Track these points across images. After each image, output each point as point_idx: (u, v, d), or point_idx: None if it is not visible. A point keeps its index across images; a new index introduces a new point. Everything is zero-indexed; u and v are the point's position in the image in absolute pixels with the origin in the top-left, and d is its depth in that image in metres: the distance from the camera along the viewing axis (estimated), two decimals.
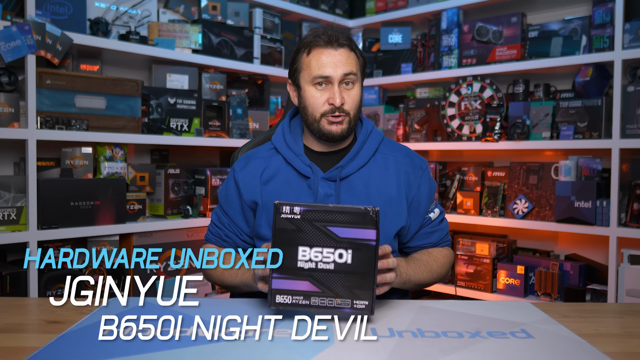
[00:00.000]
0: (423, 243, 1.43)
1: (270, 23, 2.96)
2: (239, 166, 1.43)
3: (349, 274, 1.02)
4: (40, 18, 2.11)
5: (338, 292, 1.02)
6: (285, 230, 1.02)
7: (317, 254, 1.02)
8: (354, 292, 1.02)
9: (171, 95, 2.54)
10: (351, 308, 1.02)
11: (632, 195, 2.34)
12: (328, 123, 1.33)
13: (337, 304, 1.02)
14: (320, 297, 1.02)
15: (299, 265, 1.02)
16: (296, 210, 1.02)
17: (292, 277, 1.02)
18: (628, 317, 1.18)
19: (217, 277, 1.39)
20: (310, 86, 1.33)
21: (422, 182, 1.40)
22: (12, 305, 1.21)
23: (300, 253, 1.02)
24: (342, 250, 1.02)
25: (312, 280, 1.02)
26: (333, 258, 1.02)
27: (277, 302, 1.03)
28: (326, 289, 1.02)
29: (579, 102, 2.49)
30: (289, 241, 1.02)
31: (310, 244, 1.02)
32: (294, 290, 1.02)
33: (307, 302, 1.02)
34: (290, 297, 1.02)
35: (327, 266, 1.02)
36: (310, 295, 1.02)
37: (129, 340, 0.95)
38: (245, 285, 1.27)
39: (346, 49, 1.32)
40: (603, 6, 2.48)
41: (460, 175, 2.97)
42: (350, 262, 1.02)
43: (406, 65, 3.16)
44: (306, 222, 1.02)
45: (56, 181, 2.16)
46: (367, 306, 1.02)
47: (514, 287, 2.64)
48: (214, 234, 1.46)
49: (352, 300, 1.02)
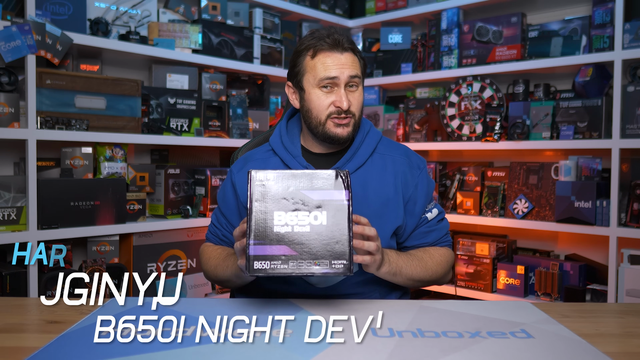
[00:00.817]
0: (419, 243, 1.42)
1: (270, 23, 2.96)
2: (236, 168, 1.43)
3: (325, 235, 1.03)
4: (40, 18, 2.11)
5: (316, 253, 1.03)
6: (261, 197, 1.04)
7: (293, 217, 1.03)
8: (331, 252, 1.03)
9: (171, 95, 2.54)
10: (330, 268, 1.02)
11: (632, 195, 2.34)
12: (334, 125, 1.33)
13: (315, 265, 1.02)
14: (299, 260, 1.02)
15: (275, 230, 1.03)
16: (270, 176, 1.05)
17: (269, 242, 1.03)
18: (628, 317, 1.18)
19: (212, 272, 1.40)
20: (315, 88, 1.33)
21: (419, 181, 1.40)
22: (12, 305, 1.21)
23: (277, 218, 1.03)
24: (316, 212, 1.04)
25: (289, 243, 1.03)
26: (308, 220, 1.03)
27: (256, 269, 1.02)
28: (303, 252, 1.03)
29: (579, 102, 2.49)
30: (265, 207, 1.04)
31: (285, 209, 1.04)
32: (271, 255, 1.03)
33: (286, 266, 1.02)
34: (269, 262, 1.02)
35: (303, 229, 1.03)
36: (288, 259, 1.02)
37: (129, 340, 0.95)
38: (236, 276, 1.28)
39: (351, 53, 1.33)
40: (603, 6, 2.48)
41: (460, 175, 2.97)
42: (326, 223, 1.03)
43: (406, 65, 3.16)
44: (281, 188, 1.04)
45: (56, 181, 2.16)
46: (345, 265, 1.03)
47: (514, 287, 2.64)
48: (213, 233, 1.47)
49: (330, 260, 1.03)
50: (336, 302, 1.19)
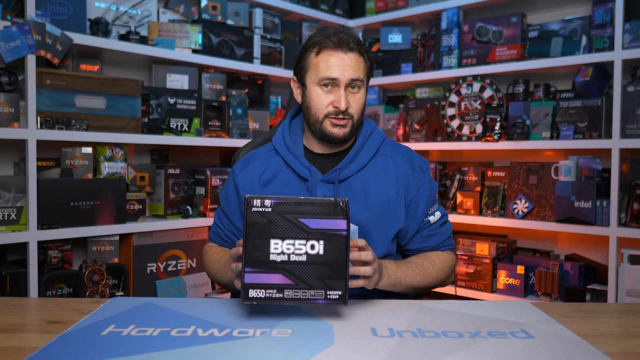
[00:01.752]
0: (421, 246, 1.42)
1: (270, 23, 2.96)
2: (238, 168, 1.43)
3: (322, 265, 1.03)
4: (40, 18, 2.11)
5: (311, 283, 1.02)
6: (257, 224, 1.02)
7: (289, 246, 1.03)
8: (327, 282, 1.02)
9: (171, 95, 2.54)
10: (325, 299, 1.02)
11: (632, 195, 2.34)
12: (331, 125, 1.33)
13: (310, 295, 1.02)
14: (294, 290, 1.02)
15: (272, 258, 1.02)
16: (267, 203, 1.03)
17: (264, 271, 1.02)
18: (628, 317, 1.18)
19: (213, 275, 1.42)
20: (316, 86, 1.33)
21: (421, 184, 1.40)
22: (12, 305, 1.21)
23: (272, 246, 1.02)
24: (313, 242, 1.03)
25: (284, 272, 1.02)
26: (305, 249, 1.03)
27: (250, 297, 1.02)
28: (299, 281, 1.02)
29: (579, 102, 2.49)
30: (261, 234, 1.02)
31: (282, 237, 1.03)
32: (267, 284, 1.02)
33: (281, 295, 1.02)
34: (264, 290, 1.02)
35: (299, 258, 1.02)
36: (283, 288, 1.02)
37: (129, 340, 0.95)
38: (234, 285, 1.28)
39: (355, 54, 1.32)
40: (603, 6, 2.48)
41: (460, 175, 2.97)
42: (322, 252, 1.03)
43: (406, 65, 3.16)
44: (277, 215, 1.03)
45: (56, 181, 2.16)
46: (340, 296, 1.02)
47: (514, 287, 2.64)
48: (215, 233, 1.48)
49: (325, 290, 1.02)
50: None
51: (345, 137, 1.34)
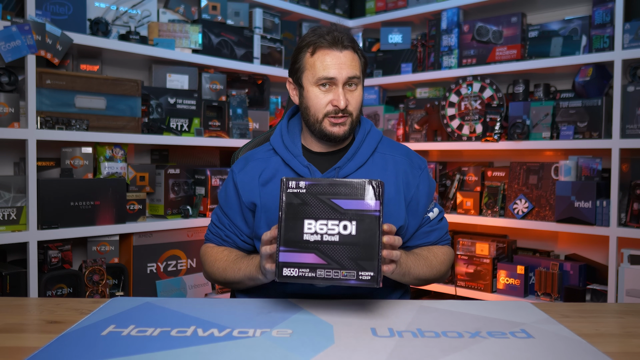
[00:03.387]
0: (422, 242, 1.43)
1: (270, 23, 2.96)
2: (237, 167, 1.43)
3: (354, 246, 1.03)
4: (40, 18, 2.11)
5: (343, 263, 1.03)
6: (292, 205, 1.05)
7: (322, 226, 1.04)
8: (359, 263, 1.02)
9: (171, 95, 2.54)
10: (357, 280, 1.02)
11: (632, 195, 2.34)
12: (330, 124, 1.33)
13: (342, 275, 1.03)
14: (326, 269, 1.03)
15: (305, 238, 1.04)
16: (302, 184, 1.06)
17: (298, 250, 1.04)
18: (628, 317, 1.18)
19: (219, 274, 1.37)
20: (313, 87, 1.33)
21: (420, 181, 1.40)
22: (12, 305, 1.21)
23: (306, 226, 1.04)
24: (346, 222, 1.04)
25: (317, 252, 1.03)
26: (338, 230, 1.04)
27: (284, 275, 1.04)
28: (332, 261, 1.03)
29: (579, 102, 2.49)
30: (295, 215, 1.05)
31: (315, 217, 1.04)
32: (300, 262, 1.04)
33: (313, 274, 1.03)
34: (297, 269, 1.04)
35: (332, 238, 1.04)
36: (316, 267, 1.03)
37: (129, 340, 0.95)
38: (249, 279, 1.27)
39: (350, 51, 1.32)
40: (603, 6, 2.48)
41: (460, 175, 2.97)
42: (355, 233, 1.03)
43: (406, 65, 3.16)
44: (311, 196, 1.05)
45: (56, 181, 2.16)
46: (372, 277, 1.02)
47: (514, 287, 2.64)
48: (214, 234, 1.46)
49: (357, 271, 1.02)
50: (336, 302, 1.19)
51: (345, 135, 1.35)
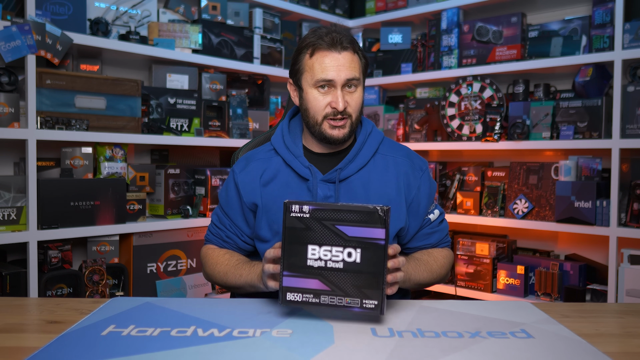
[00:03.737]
0: (422, 244, 1.43)
1: (270, 23, 2.96)
2: (238, 168, 1.42)
3: (358, 273, 1.02)
4: (40, 18, 2.11)
5: (347, 291, 1.02)
6: (295, 229, 1.04)
7: (326, 252, 1.03)
8: (363, 291, 1.02)
9: (171, 95, 2.54)
10: (360, 307, 1.02)
11: (632, 195, 2.34)
12: (330, 127, 1.32)
13: (346, 302, 1.02)
14: (330, 296, 1.03)
15: (309, 263, 1.03)
16: (305, 209, 1.04)
17: (302, 275, 1.03)
18: (628, 317, 1.18)
19: (220, 278, 1.37)
20: (312, 89, 1.32)
21: (421, 183, 1.40)
22: (12, 305, 1.21)
23: (310, 251, 1.04)
24: (350, 249, 1.03)
25: (321, 278, 1.03)
26: (342, 257, 1.03)
27: (288, 300, 1.04)
28: (335, 288, 1.03)
29: (579, 102, 2.49)
30: (299, 240, 1.04)
31: (319, 243, 1.04)
32: (304, 288, 1.03)
33: (317, 300, 1.03)
34: (301, 294, 1.03)
35: (336, 265, 1.03)
36: (320, 293, 1.03)
37: (129, 340, 0.95)
38: (250, 286, 1.27)
39: (349, 52, 1.31)
40: (603, 6, 2.48)
41: (460, 175, 2.97)
42: (359, 261, 1.03)
43: (406, 65, 3.16)
44: (315, 221, 1.04)
45: (56, 181, 2.16)
46: (376, 306, 1.02)
47: (514, 287, 2.64)
48: (215, 234, 1.45)
49: (361, 299, 1.02)
50: None
51: (345, 137, 1.34)
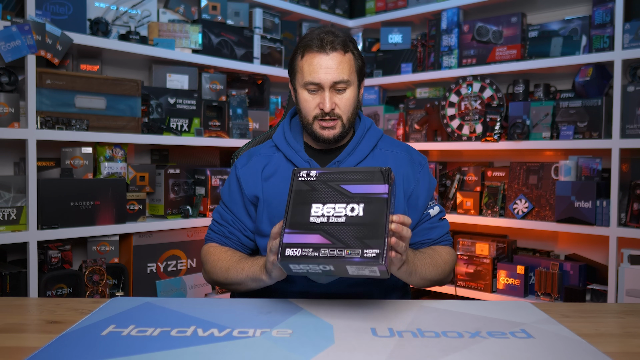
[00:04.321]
0: (423, 239, 1.42)
1: (270, 23, 2.96)
2: (240, 163, 1.44)
3: (360, 225, 1.02)
4: (40, 18, 2.11)
5: (348, 242, 1.01)
6: (301, 191, 1.07)
7: (330, 209, 1.05)
8: (364, 241, 1.01)
9: (171, 95, 2.54)
10: (361, 257, 1.00)
11: (632, 195, 2.34)
12: (320, 128, 1.35)
13: (346, 254, 1.00)
14: (330, 249, 1.01)
15: (311, 220, 1.04)
16: (312, 173, 1.09)
17: (303, 232, 1.03)
18: (628, 317, 1.18)
19: (221, 275, 1.35)
20: (303, 90, 1.35)
21: (421, 177, 1.41)
22: (12, 305, 1.21)
23: (313, 210, 1.05)
24: (354, 205, 1.04)
25: (322, 233, 1.03)
26: (345, 212, 1.04)
27: (287, 256, 1.02)
28: (336, 241, 1.02)
29: (579, 102, 2.49)
30: (303, 200, 1.06)
31: (323, 201, 1.05)
32: (304, 243, 1.03)
33: (316, 253, 1.01)
34: (300, 249, 1.02)
35: (338, 220, 1.03)
36: (319, 247, 1.02)
37: (129, 340, 0.95)
38: (252, 280, 1.26)
39: (339, 53, 1.32)
40: (603, 6, 2.48)
41: (460, 175, 2.97)
42: (362, 214, 1.03)
43: (406, 65, 3.16)
44: (321, 183, 1.07)
45: (56, 181, 2.16)
46: (377, 254, 0.98)
47: (514, 287, 2.64)
48: (217, 232, 1.45)
49: (362, 249, 1.00)
50: (336, 302, 1.19)
51: (335, 137, 1.36)
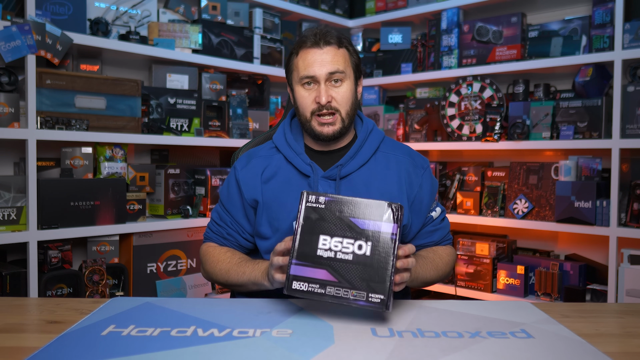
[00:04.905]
0: (425, 242, 1.43)
1: (270, 23, 2.96)
2: (240, 165, 1.43)
3: (367, 266, 1.02)
4: (40, 18, 2.11)
5: (354, 283, 1.02)
6: (309, 219, 1.05)
7: (337, 243, 1.04)
8: (370, 285, 1.01)
9: (171, 95, 2.54)
10: (366, 301, 1.01)
11: (632, 195, 2.34)
12: (319, 124, 1.33)
13: (352, 295, 1.02)
14: (336, 287, 1.02)
15: (319, 253, 1.04)
16: (321, 200, 1.06)
17: (310, 265, 1.03)
18: (628, 317, 1.18)
19: (221, 276, 1.36)
20: (299, 86, 1.35)
21: (423, 181, 1.41)
22: (12, 305, 1.21)
23: (321, 241, 1.04)
24: (361, 242, 1.03)
25: (329, 269, 1.03)
26: (352, 249, 1.03)
27: (294, 289, 1.03)
28: (343, 280, 1.02)
29: (579, 102, 2.49)
30: (312, 229, 1.05)
31: (331, 234, 1.04)
32: (311, 277, 1.03)
33: (323, 291, 1.02)
34: (307, 284, 1.03)
35: (345, 256, 1.03)
36: (326, 284, 1.02)
37: (129, 340, 0.95)
38: (253, 283, 1.26)
39: (333, 47, 1.32)
40: (603, 6, 2.48)
41: (460, 175, 2.97)
42: (369, 254, 1.03)
43: (406, 65, 3.16)
44: (330, 212, 1.05)
45: (56, 181, 2.16)
46: (382, 301, 1.01)
47: (514, 287, 2.64)
48: (215, 232, 1.45)
49: (367, 293, 1.01)
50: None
51: (335, 134, 1.34)
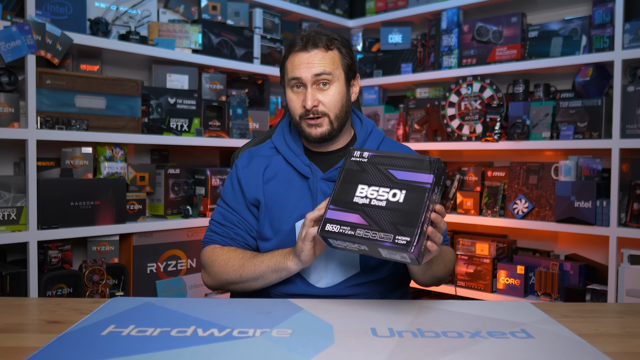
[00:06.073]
0: None
1: (270, 23, 2.96)
2: (241, 164, 1.42)
3: (398, 212, 1.06)
4: (40, 18, 2.11)
5: (383, 226, 1.05)
6: (351, 171, 1.13)
7: (374, 192, 1.10)
8: (398, 227, 1.04)
9: (171, 95, 2.54)
10: (392, 242, 1.04)
11: (632, 195, 2.34)
12: (307, 126, 1.34)
13: (379, 237, 1.05)
14: (365, 230, 1.06)
15: (355, 200, 1.09)
16: (365, 154, 1.15)
17: (345, 210, 1.09)
18: (628, 317, 1.18)
19: (234, 272, 1.30)
20: (289, 89, 1.35)
21: None
22: (12, 305, 1.21)
23: (359, 190, 1.10)
24: (396, 190, 1.08)
25: (362, 214, 1.08)
26: (387, 196, 1.08)
27: (327, 230, 1.09)
28: (373, 223, 1.06)
29: (579, 102, 2.49)
30: (352, 180, 1.12)
31: (369, 183, 1.10)
32: (343, 221, 1.08)
33: (353, 232, 1.07)
34: (339, 226, 1.08)
35: (379, 203, 1.08)
36: (357, 227, 1.07)
37: (129, 340, 0.95)
38: (273, 270, 1.25)
39: (321, 50, 1.31)
40: (603, 6, 2.48)
41: (460, 175, 2.97)
42: (402, 201, 1.07)
43: (406, 65, 3.16)
44: (371, 165, 1.12)
45: (56, 181, 2.16)
46: (408, 242, 1.02)
47: (514, 287, 2.64)
48: (221, 234, 1.40)
49: (394, 235, 1.04)
50: (336, 302, 1.19)
51: (324, 135, 1.34)
